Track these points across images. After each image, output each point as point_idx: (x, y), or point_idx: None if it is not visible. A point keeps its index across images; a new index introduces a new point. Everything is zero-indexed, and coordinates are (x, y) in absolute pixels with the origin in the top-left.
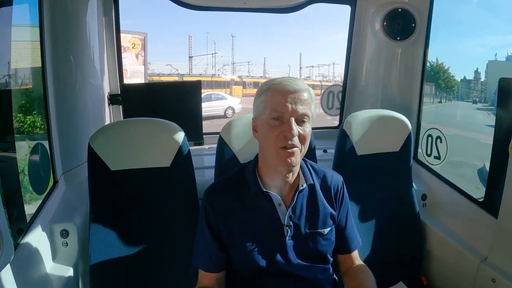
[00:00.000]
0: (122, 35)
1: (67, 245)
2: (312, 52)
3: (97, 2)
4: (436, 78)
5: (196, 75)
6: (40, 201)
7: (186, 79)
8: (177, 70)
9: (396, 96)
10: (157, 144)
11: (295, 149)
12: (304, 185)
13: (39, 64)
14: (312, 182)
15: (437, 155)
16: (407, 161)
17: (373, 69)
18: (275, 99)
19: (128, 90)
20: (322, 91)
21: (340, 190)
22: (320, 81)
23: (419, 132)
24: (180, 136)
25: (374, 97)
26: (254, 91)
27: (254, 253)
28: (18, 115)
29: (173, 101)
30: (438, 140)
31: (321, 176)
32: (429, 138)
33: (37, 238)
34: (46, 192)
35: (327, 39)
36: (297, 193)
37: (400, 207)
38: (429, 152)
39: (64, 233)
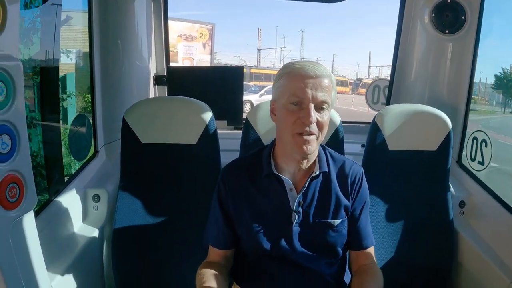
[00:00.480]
0: (190, 24)
1: (97, 209)
2: (382, 52)
3: None
4: (509, 87)
5: (263, 67)
6: None
7: (254, 71)
8: (245, 61)
9: (444, 94)
10: (185, 121)
11: (312, 136)
12: (318, 172)
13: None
14: (326, 170)
15: (480, 160)
16: (444, 163)
17: (422, 64)
18: (295, 84)
19: (173, 72)
20: None
21: (358, 181)
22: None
23: (465, 134)
24: (208, 115)
25: (421, 94)
26: None
27: (260, 235)
28: (86, 95)
29: (216, 84)
30: (483, 144)
31: (339, 165)
32: (474, 141)
33: (70, 199)
34: (85, 160)
35: None
36: (310, 179)
37: (433, 211)
38: (473, 156)
39: (96, 198)
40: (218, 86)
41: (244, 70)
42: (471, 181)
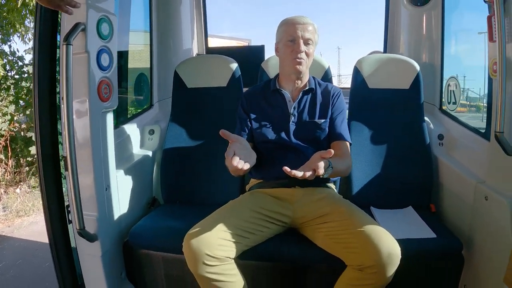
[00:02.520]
0: (227, 41)
1: (151, 140)
2: None
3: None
4: None
5: None
6: None
7: None
8: None
9: (425, 57)
10: (218, 70)
11: (302, 60)
12: (307, 87)
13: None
14: (313, 87)
15: (454, 101)
16: (417, 98)
17: (406, 35)
18: (289, 28)
19: (211, 51)
20: None
21: (336, 95)
22: None
23: (442, 84)
24: (234, 65)
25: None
26: None
27: (268, 129)
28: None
29: (244, 59)
30: (455, 87)
31: (323, 86)
32: (449, 87)
33: (132, 130)
34: (143, 108)
35: None
36: (302, 93)
37: (412, 138)
38: (449, 100)
39: (151, 132)
40: (246, 60)
41: None
42: (448, 119)
